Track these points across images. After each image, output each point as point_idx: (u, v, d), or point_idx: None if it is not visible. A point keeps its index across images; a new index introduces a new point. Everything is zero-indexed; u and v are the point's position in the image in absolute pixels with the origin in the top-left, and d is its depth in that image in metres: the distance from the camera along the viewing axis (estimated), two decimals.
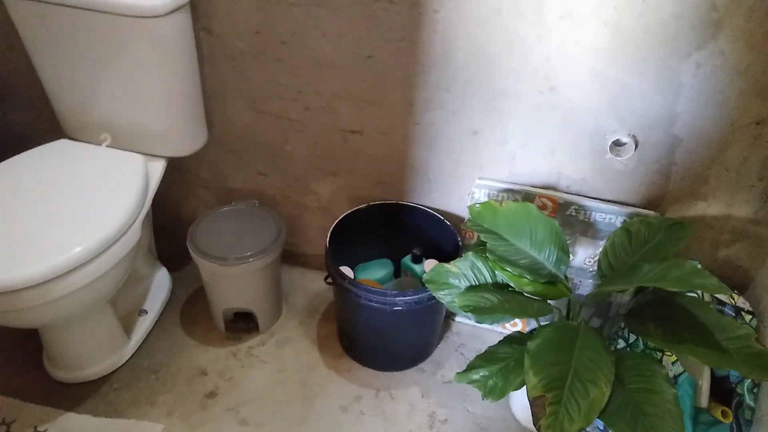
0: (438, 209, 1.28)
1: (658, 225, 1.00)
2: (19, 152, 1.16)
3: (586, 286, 1.22)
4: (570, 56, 0.98)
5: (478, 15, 0.98)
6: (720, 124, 0.98)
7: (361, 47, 1.09)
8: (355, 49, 1.09)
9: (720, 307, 1.06)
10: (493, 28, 0.99)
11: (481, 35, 1.01)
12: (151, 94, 1.12)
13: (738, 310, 1.06)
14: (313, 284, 1.48)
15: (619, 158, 1.06)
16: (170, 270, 1.45)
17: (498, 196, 1.19)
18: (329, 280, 1.18)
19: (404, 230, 1.32)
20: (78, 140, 1.23)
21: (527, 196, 1.17)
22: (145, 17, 1.01)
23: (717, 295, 1.07)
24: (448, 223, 1.24)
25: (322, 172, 1.31)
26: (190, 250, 1.21)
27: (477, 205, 1.02)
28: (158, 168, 1.21)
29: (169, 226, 1.52)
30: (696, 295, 1.04)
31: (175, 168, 1.39)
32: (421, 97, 1.12)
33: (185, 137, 1.23)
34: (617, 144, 1.06)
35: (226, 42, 1.15)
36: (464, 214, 1.28)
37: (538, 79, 1.03)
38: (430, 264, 1.26)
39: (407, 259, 1.30)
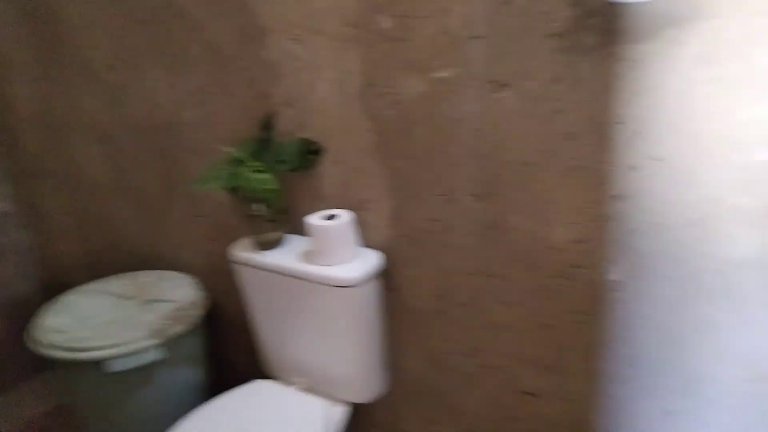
0: None
1: None
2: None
3: None
4: None
5: (661, 295, 0.94)
6: None
7: (536, 315, 1.09)
8: (531, 317, 1.10)
9: None
10: (681, 311, 0.93)
11: (664, 315, 0.95)
12: (338, 343, 1.23)
13: None
14: None
15: None
16: None
17: None
18: None
19: None
20: (276, 379, 1.38)
21: None
22: (344, 287, 1.15)
23: None
24: None
25: (496, 427, 1.26)
26: None
27: None
28: (340, 412, 1.28)
29: None
30: None
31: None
32: (602, 369, 1.06)
33: (367, 384, 1.29)
34: None
35: (409, 301, 1.25)
36: None
37: (741, 366, 0.91)
38: None
39: None
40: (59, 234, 2.01)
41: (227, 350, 1.72)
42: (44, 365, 1.32)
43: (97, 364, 1.31)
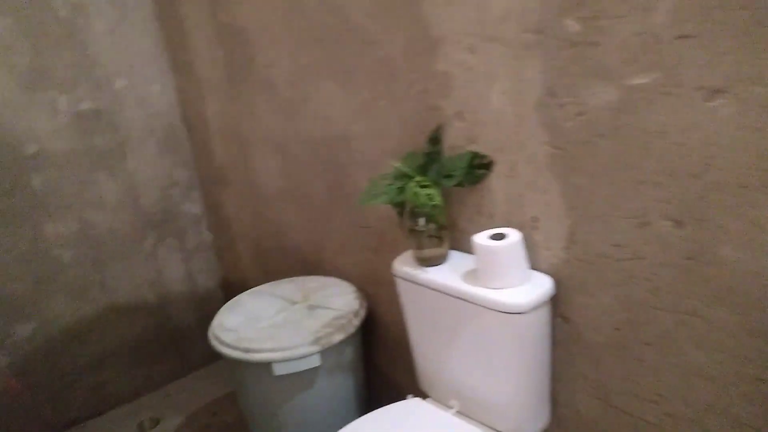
0: None
1: None
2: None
3: None
4: None
5: None
6: None
7: (745, 366, 0.91)
8: (738, 367, 0.92)
9: None
10: None
11: None
12: (499, 369, 1.15)
13: None
14: None
15: None
16: None
17: None
18: None
19: None
20: (430, 399, 1.33)
21: None
22: (511, 313, 1.07)
23: None
24: None
25: None
26: None
27: None
28: None
29: None
30: None
31: None
32: None
33: (527, 416, 1.19)
34: None
35: (582, 332, 1.13)
36: None
37: None
38: None
39: None
40: (238, 236, 2.18)
41: (382, 362, 1.72)
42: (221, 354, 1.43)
43: (263, 365, 1.38)
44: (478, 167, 1.19)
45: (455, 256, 1.28)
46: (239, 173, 2.02)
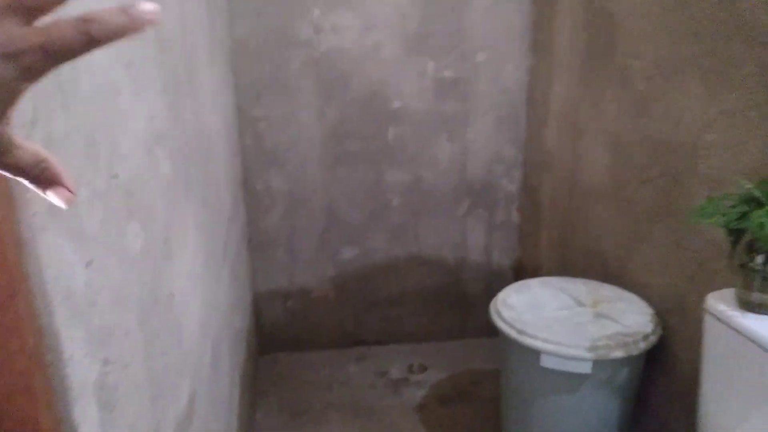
0: None
1: None
2: None
3: None
4: None
5: None
6: None
7: None
8: None
9: None
10: None
11: None
12: None
13: None
14: None
15: None
16: None
17: None
18: None
19: None
20: None
21: None
22: None
23: None
24: None
25: None
26: None
27: None
28: None
29: None
30: None
31: None
32: None
33: None
34: None
35: None
36: None
37: None
38: None
39: None
40: (545, 223, 2.18)
41: (660, 399, 1.52)
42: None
43: (532, 351, 1.37)
44: None
45: None
46: (564, 162, 1.99)
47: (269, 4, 1.99)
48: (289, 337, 2.39)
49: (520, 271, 2.39)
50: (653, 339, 1.37)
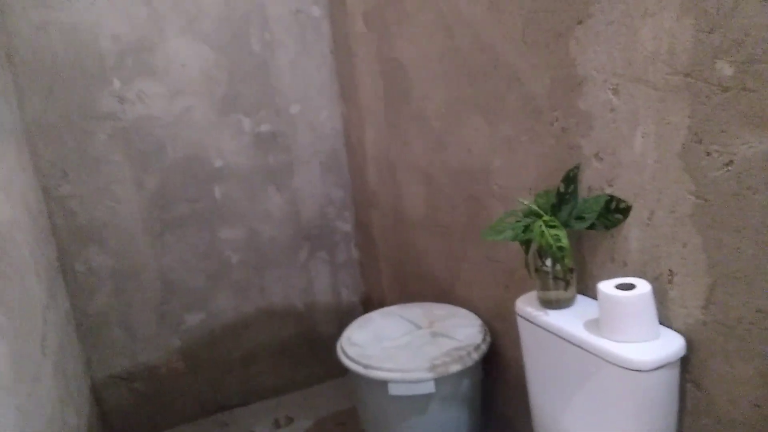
0: None
1: None
2: None
3: None
4: None
5: None
6: None
7: None
8: None
9: None
10: None
11: None
12: (615, 430, 1.07)
13: None
14: None
15: None
16: None
17: None
18: None
19: None
20: None
21: None
22: (634, 370, 1.00)
23: None
24: None
25: None
26: None
27: None
28: None
29: None
30: None
31: None
32: None
33: None
34: None
35: (716, 403, 1.00)
36: None
37: None
38: None
39: None
40: (381, 256, 2.30)
41: (500, 399, 1.68)
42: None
43: (379, 383, 1.44)
44: (614, 212, 1.14)
45: (583, 302, 1.22)
46: (388, 198, 2.14)
47: (60, 80, 1.88)
48: (140, 421, 2.21)
49: (368, 305, 2.49)
50: (484, 348, 1.52)
